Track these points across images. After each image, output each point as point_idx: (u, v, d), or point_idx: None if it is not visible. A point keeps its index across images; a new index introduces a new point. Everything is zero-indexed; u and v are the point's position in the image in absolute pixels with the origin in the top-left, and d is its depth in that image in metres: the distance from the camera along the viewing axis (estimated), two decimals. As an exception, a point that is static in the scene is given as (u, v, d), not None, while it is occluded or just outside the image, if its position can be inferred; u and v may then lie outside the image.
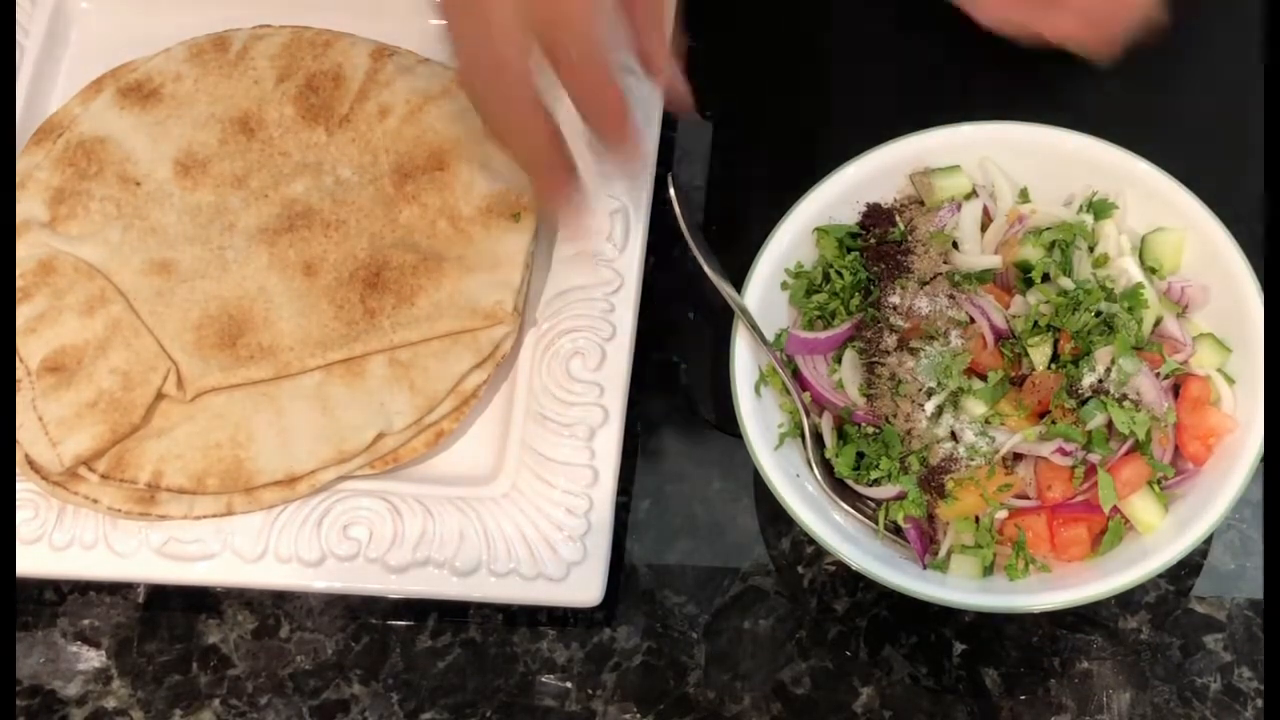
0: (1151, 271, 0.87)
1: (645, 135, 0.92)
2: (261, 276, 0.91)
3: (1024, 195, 0.89)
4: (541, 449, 0.88)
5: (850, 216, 0.89)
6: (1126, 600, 0.86)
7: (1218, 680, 0.84)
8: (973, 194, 0.89)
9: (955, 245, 0.87)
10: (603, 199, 0.93)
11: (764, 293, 0.86)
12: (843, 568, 0.87)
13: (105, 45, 1.01)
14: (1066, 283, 0.84)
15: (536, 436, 0.88)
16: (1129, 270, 0.85)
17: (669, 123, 0.97)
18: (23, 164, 0.95)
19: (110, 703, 0.87)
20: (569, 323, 0.90)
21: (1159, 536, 0.81)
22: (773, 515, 0.89)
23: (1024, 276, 0.86)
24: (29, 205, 0.93)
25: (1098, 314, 0.83)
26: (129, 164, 0.95)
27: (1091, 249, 0.86)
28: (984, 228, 0.88)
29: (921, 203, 0.89)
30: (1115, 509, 0.81)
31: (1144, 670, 0.84)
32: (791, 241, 0.87)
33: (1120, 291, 0.84)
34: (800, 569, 0.88)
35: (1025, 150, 0.89)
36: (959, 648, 0.85)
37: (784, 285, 0.88)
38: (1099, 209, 0.87)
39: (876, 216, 0.89)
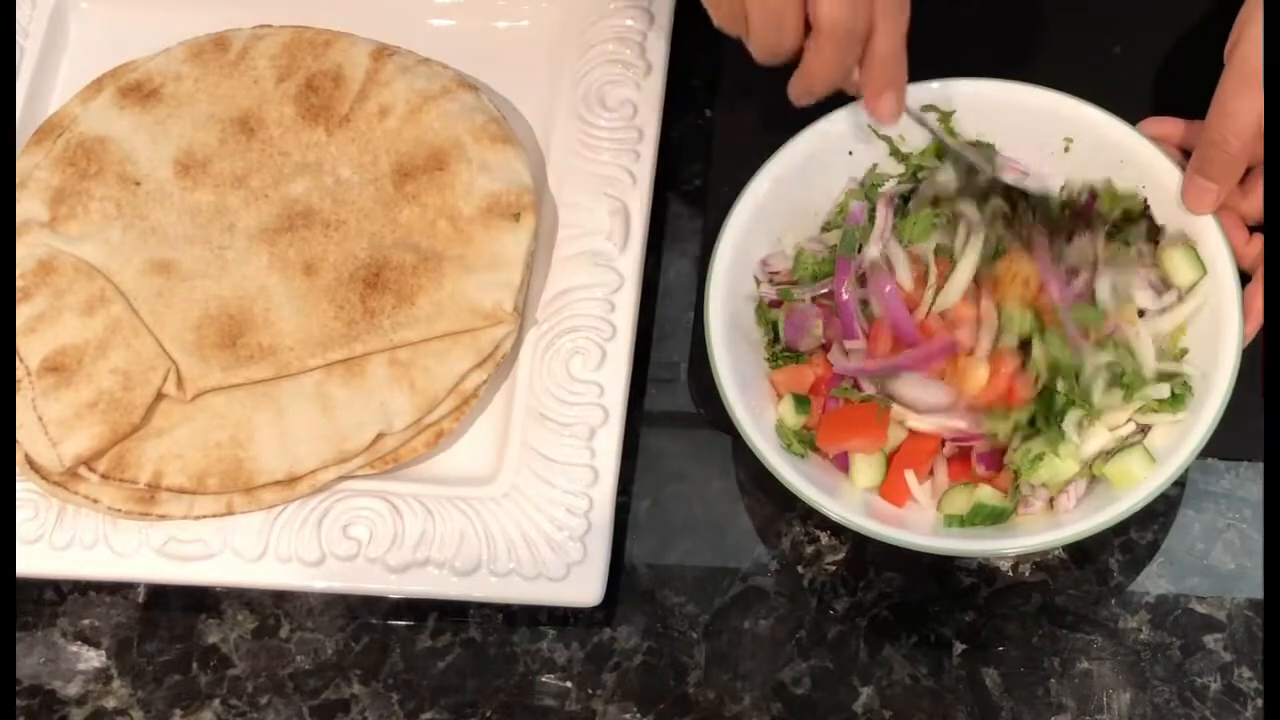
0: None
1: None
2: (261, 276, 0.91)
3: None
4: (542, 449, 0.88)
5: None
6: (1126, 600, 0.86)
7: (1218, 680, 0.84)
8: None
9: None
10: (602, 199, 0.93)
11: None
12: (843, 567, 0.87)
13: (105, 45, 1.00)
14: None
15: (537, 436, 0.88)
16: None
17: (668, 122, 0.97)
18: (23, 164, 0.95)
19: (110, 703, 0.87)
20: (569, 322, 0.91)
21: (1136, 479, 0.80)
22: (773, 515, 0.89)
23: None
24: (29, 205, 0.93)
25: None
26: (129, 164, 0.95)
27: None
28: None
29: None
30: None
31: (1144, 670, 0.84)
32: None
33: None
34: (800, 569, 0.88)
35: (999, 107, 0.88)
36: (959, 648, 0.85)
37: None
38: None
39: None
